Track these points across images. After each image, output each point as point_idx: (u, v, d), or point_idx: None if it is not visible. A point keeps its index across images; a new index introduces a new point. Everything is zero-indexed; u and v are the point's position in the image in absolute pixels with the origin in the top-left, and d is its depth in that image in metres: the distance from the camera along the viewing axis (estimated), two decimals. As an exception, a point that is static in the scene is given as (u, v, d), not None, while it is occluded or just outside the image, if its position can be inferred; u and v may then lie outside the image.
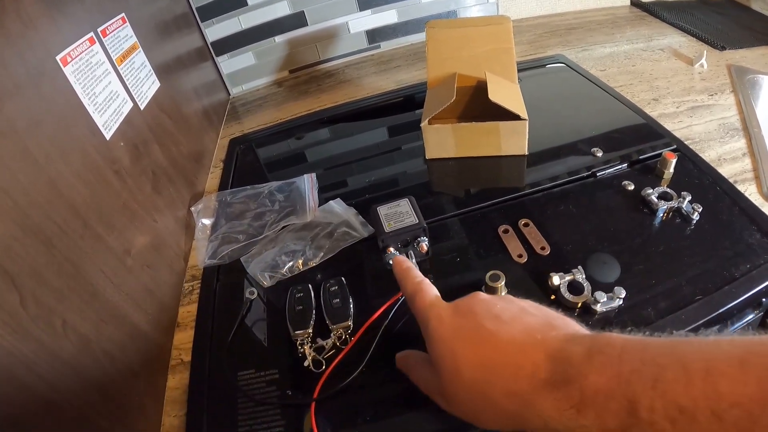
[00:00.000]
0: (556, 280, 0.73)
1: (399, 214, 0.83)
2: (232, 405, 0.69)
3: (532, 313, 0.53)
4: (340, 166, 1.18)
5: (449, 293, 0.76)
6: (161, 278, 0.86)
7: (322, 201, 0.99)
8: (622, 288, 0.70)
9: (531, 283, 0.77)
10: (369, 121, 1.35)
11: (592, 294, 0.70)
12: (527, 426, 0.47)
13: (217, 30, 1.55)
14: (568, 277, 0.73)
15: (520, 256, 0.81)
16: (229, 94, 1.68)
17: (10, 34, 0.63)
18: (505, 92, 1.01)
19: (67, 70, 0.74)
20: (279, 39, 1.61)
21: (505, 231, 0.85)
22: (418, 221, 0.81)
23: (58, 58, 0.72)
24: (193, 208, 1.02)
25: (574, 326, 0.50)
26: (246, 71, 1.66)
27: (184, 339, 0.83)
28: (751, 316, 0.76)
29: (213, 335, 0.80)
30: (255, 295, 0.83)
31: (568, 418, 0.42)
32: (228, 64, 1.62)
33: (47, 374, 0.54)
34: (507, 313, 0.52)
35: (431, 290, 0.63)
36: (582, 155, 1.01)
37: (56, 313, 0.58)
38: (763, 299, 0.76)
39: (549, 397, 0.43)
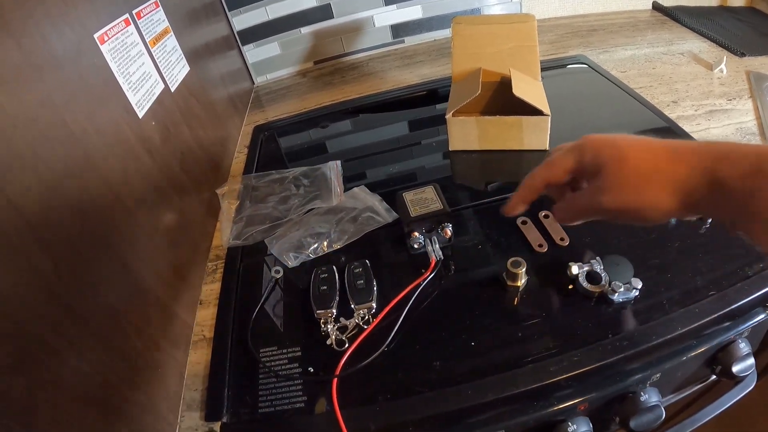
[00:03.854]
0: (575, 269, 0.74)
1: (424, 200, 0.84)
2: (253, 380, 0.71)
3: None
4: (363, 157, 1.19)
5: (471, 278, 0.78)
6: (186, 256, 0.88)
7: (345, 190, 1.00)
8: (638, 279, 0.72)
9: (551, 271, 0.78)
10: (392, 114, 1.37)
11: (610, 284, 0.71)
12: (686, 203, 0.52)
13: (244, 19, 1.56)
14: (586, 267, 0.74)
15: (541, 246, 0.82)
16: (254, 83, 1.70)
17: (50, 11, 0.65)
18: (529, 88, 1.03)
19: (104, 49, 0.75)
20: (305, 30, 1.62)
21: (524, 222, 0.87)
22: (443, 207, 0.83)
23: (95, 36, 0.74)
24: (218, 191, 1.04)
25: None
26: (271, 61, 1.67)
27: (206, 316, 0.84)
28: (762, 316, 0.77)
29: (235, 313, 0.82)
30: (281, 273, 0.84)
31: (708, 171, 0.49)
32: (254, 53, 1.64)
33: (77, 340, 0.56)
34: None
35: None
36: (602, 152, 1.01)
37: (87, 283, 0.59)
38: (774, 297, 0.77)
39: (694, 159, 0.51)
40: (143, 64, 0.87)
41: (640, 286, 0.71)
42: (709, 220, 0.81)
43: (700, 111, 1.14)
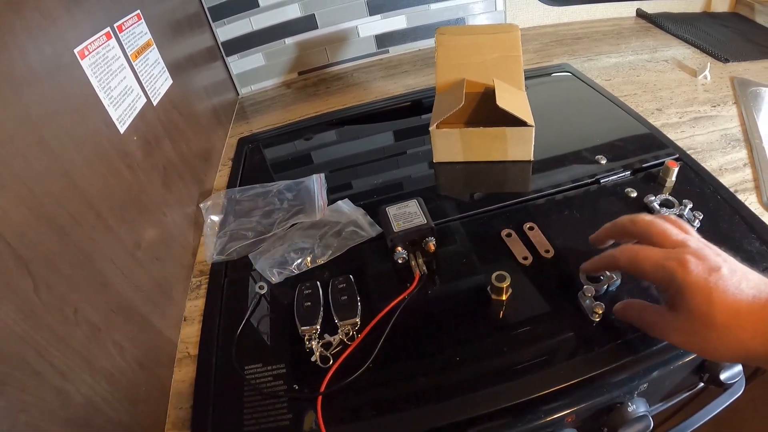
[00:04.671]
0: (588, 292, 0.74)
1: (408, 214, 0.84)
2: (238, 398, 0.70)
3: (749, 270, 0.59)
4: (347, 168, 1.19)
5: (456, 292, 0.78)
6: (170, 272, 0.87)
7: (330, 202, 1.00)
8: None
9: (536, 283, 0.78)
10: (376, 125, 1.36)
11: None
12: (760, 358, 0.54)
13: (228, 30, 1.55)
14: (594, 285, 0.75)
15: (526, 258, 0.82)
16: (238, 94, 1.69)
17: (29, 25, 0.64)
18: (513, 99, 1.03)
19: (84, 63, 0.75)
20: (289, 41, 1.62)
21: (508, 235, 0.87)
22: (426, 221, 0.82)
23: (75, 51, 0.73)
24: (201, 205, 1.03)
25: None
26: (255, 72, 1.66)
27: (191, 333, 0.83)
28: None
29: (220, 329, 0.81)
30: (265, 289, 0.84)
31: None
32: (238, 64, 1.63)
33: (58, 362, 0.55)
34: (737, 267, 0.59)
35: (645, 246, 0.65)
36: (586, 162, 1.02)
37: (68, 302, 0.59)
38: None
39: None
40: (125, 78, 0.86)
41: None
42: (696, 228, 0.81)
43: (684, 118, 1.15)
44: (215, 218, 1.00)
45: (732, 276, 0.56)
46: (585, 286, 0.73)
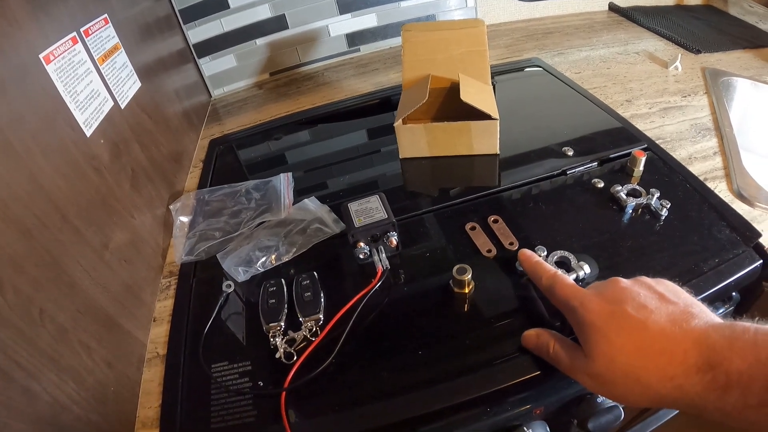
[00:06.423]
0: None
1: (369, 209, 0.84)
2: (205, 396, 0.71)
3: (671, 300, 0.56)
4: (319, 168, 1.19)
5: (420, 286, 0.78)
6: (139, 273, 0.87)
7: (299, 201, 1.00)
8: (587, 264, 0.74)
9: (500, 275, 0.79)
10: (347, 123, 1.37)
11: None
12: (673, 405, 0.52)
13: (199, 32, 1.55)
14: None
15: (489, 251, 0.83)
16: (211, 96, 1.68)
17: (-4, 33, 0.65)
18: (478, 93, 1.04)
19: (50, 68, 0.75)
20: (260, 42, 1.62)
21: (472, 228, 0.88)
22: (387, 216, 0.83)
23: (41, 56, 0.74)
24: (171, 206, 1.04)
25: (708, 313, 0.54)
26: (227, 73, 1.66)
27: (160, 333, 0.84)
28: (721, 310, 0.80)
29: (188, 329, 0.82)
30: (232, 288, 0.84)
31: (715, 398, 0.47)
32: (210, 66, 1.63)
33: (24, 361, 0.55)
34: (651, 301, 0.56)
35: (567, 279, 0.65)
36: (553, 155, 1.03)
37: (34, 302, 0.59)
38: (733, 293, 0.79)
39: (698, 381, 0.48)
40: (91, 82, 0.87)
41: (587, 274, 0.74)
42: (664, 217, 0.84)
43: (654, 109, 1.16)
44: (184, 219, 1.01)
45: (639, 311, 0.54)
46: None
